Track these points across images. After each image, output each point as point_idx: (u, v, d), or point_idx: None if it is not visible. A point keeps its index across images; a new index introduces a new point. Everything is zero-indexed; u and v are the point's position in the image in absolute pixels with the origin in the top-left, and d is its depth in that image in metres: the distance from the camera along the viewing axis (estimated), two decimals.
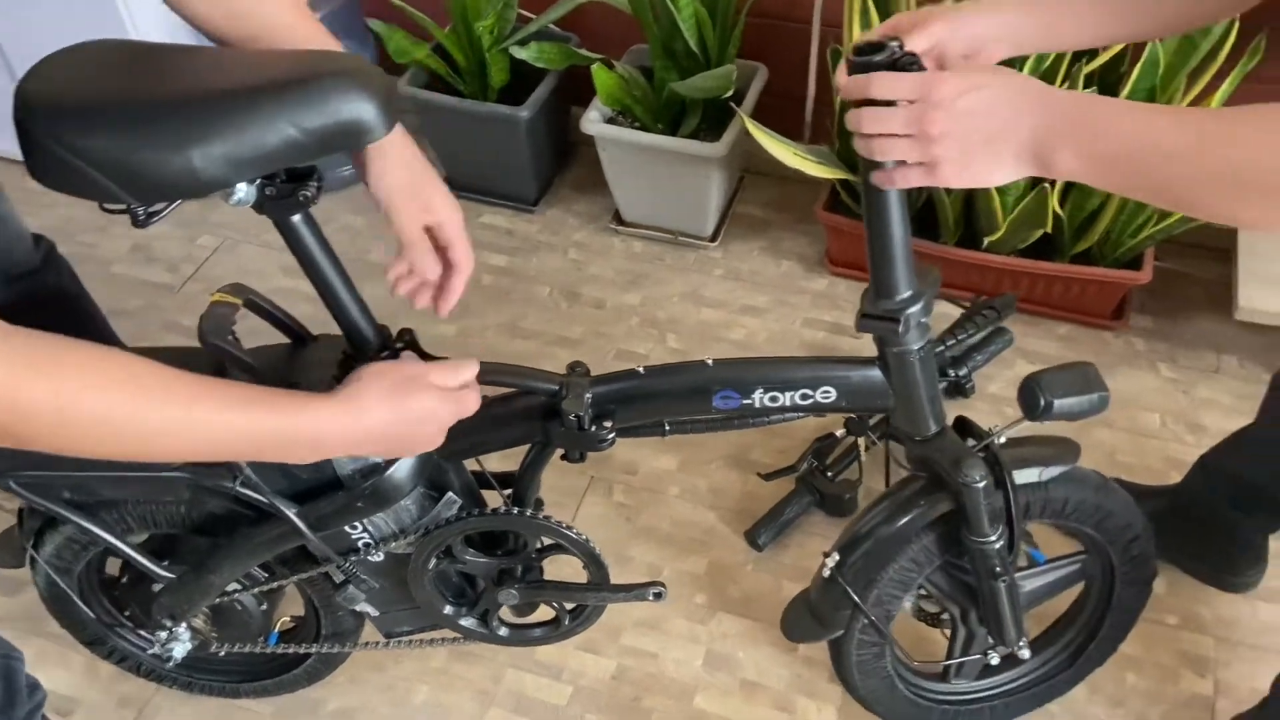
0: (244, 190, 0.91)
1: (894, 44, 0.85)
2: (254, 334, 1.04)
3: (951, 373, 1.63)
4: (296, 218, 0.95)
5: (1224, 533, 1.42)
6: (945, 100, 0.76)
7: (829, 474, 1.57)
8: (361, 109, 0.87)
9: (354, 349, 1.05)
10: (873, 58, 0.84)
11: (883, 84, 0.80)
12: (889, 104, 0.80)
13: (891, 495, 1.16)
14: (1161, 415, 1.69)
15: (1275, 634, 1.43)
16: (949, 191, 1.67)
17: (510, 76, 1.96)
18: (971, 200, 1.69)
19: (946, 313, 1.63)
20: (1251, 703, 1.23)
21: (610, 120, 1.92)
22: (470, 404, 0.95)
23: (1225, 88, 1.52)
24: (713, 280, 1.97)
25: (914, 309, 0.97)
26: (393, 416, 0.87)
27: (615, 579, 1.54)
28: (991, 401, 1.74)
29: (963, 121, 0.76)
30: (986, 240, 1.73)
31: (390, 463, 1.08)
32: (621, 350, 1.86)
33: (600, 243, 2.06)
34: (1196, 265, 1.88)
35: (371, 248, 2.08)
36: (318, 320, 1.08)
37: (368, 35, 2.04)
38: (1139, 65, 1.53)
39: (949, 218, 1.72)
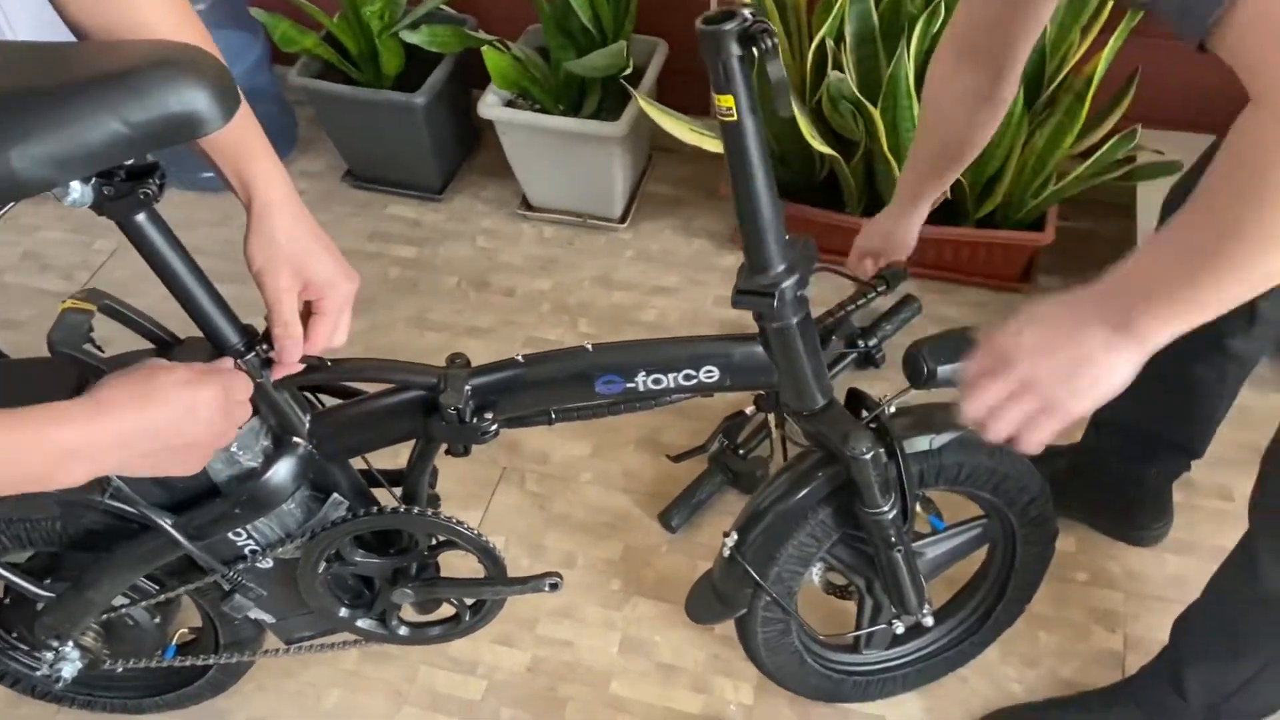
0: (78, 190, 0.86)
1: (745, 11, 0.82)
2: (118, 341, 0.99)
3: (861, 344, 1.62)
4: (140, 217, 0.91)
5: (1127, 487, 1.43)
6: (1012, 350, 0.81)
7: (740, 452, 1.55)
8: (192, 99, 0.82)
9: (217, 351, 1.01)
10: (722, 26, 0.82)
11: (976, 395, 0.85)
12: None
13: (787, 471, 1.15)
14: None
15: (1183, 586, 1.44)
16: (849, 161, 1.66)
17: (406, 62, 1.91)
18: (873, 172, 1.68)
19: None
20: None
21: (510, 103, 1.88)
22: (236, 390, 0.89)
23: (1114, 40, 1.52)
24: (624, 262, 1.95)
25: (789, 282, 0.96)
26: (143, 415, 0.81)
27: (530, 569, 1.53)
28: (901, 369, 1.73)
29: (1040, 352, 0.79)
30: None
31: (268, 465, 1.05)
32: (532, 338, 1.83)
33: (509, 229, 2.03)
34: (1099, 223, 1.89)
35: None
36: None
37: (258, 26, 1.97)
38: None
39: (853, 188, 1.71)
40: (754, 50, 0.83)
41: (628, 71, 1.74)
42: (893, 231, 1.33)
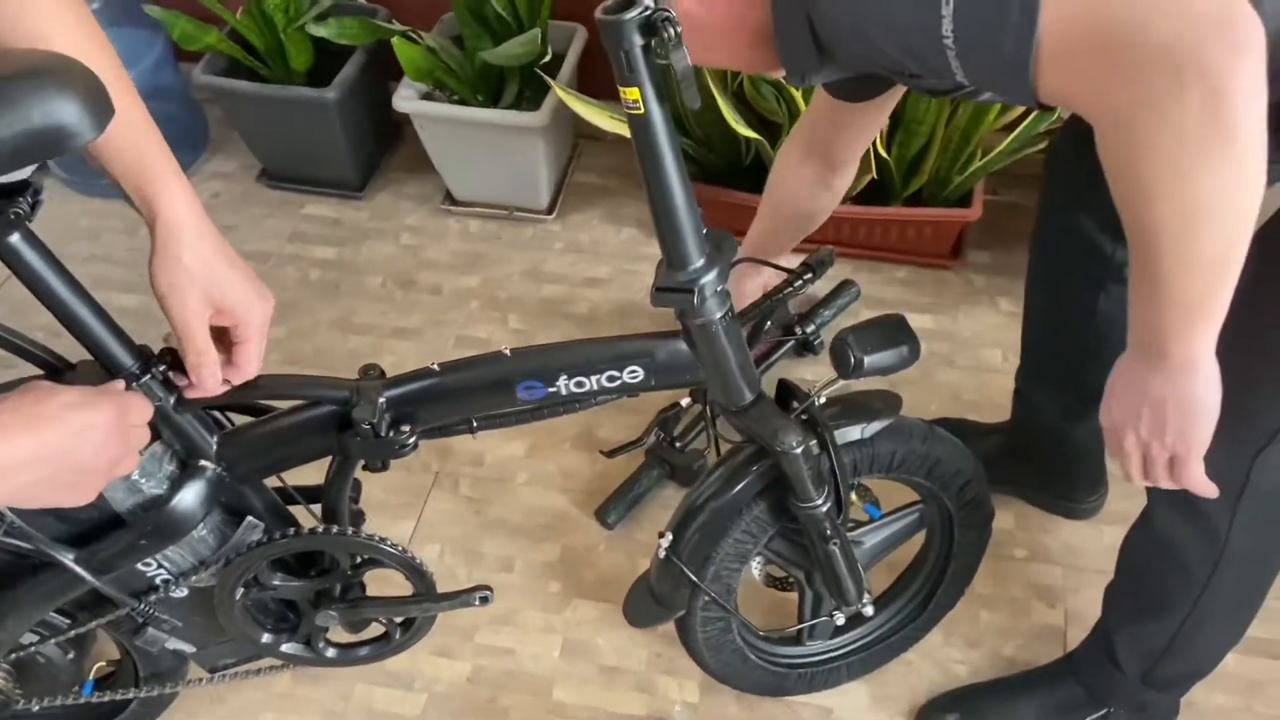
0: None
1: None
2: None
3: (799, 330, 1.61)
4: (14, 238, 0.85)
5: (1061, 459, 1.43)
6: (1119, 432, 0.86)
7: (677, 445, 1.53)
8: (58, 111, 0.76)
9: (110, 375, 0.96)
10: (623, 15, 0.78)
11: (1127, 469, 0.89)
12: None
13: (720, 467, 1.12)
14: (1003, 350, 1.71)
15: None
16: (774, 144, 1.64)
17: (316, 55, 1.84)
18: None
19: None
20: None
21: (427, 95, 1.82)
22: (132, 413, 0.83)
23: None
24: (553, 255, 1.90)
25: (709, 277, 0.93)
26: (30, 441, 0.75)
27: (468, 577, 1.49)
28: None
29: (1141, 425, 0.83)
30: None
31: (174, 492, 1.00)
32: (462, 336, 1.78)
33: (434, 225, 1.97)
34: (1025, 195, 1.89)
35: None
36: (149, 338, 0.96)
37: (159, 23, 1.89)
38: None
39: None
40: (657, 39, 0.79)
41: (546, 59, 1.69)
42: (738, 286, 1.44)
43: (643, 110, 0.83)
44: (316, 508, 1.12)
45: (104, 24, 1.96)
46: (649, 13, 0.78)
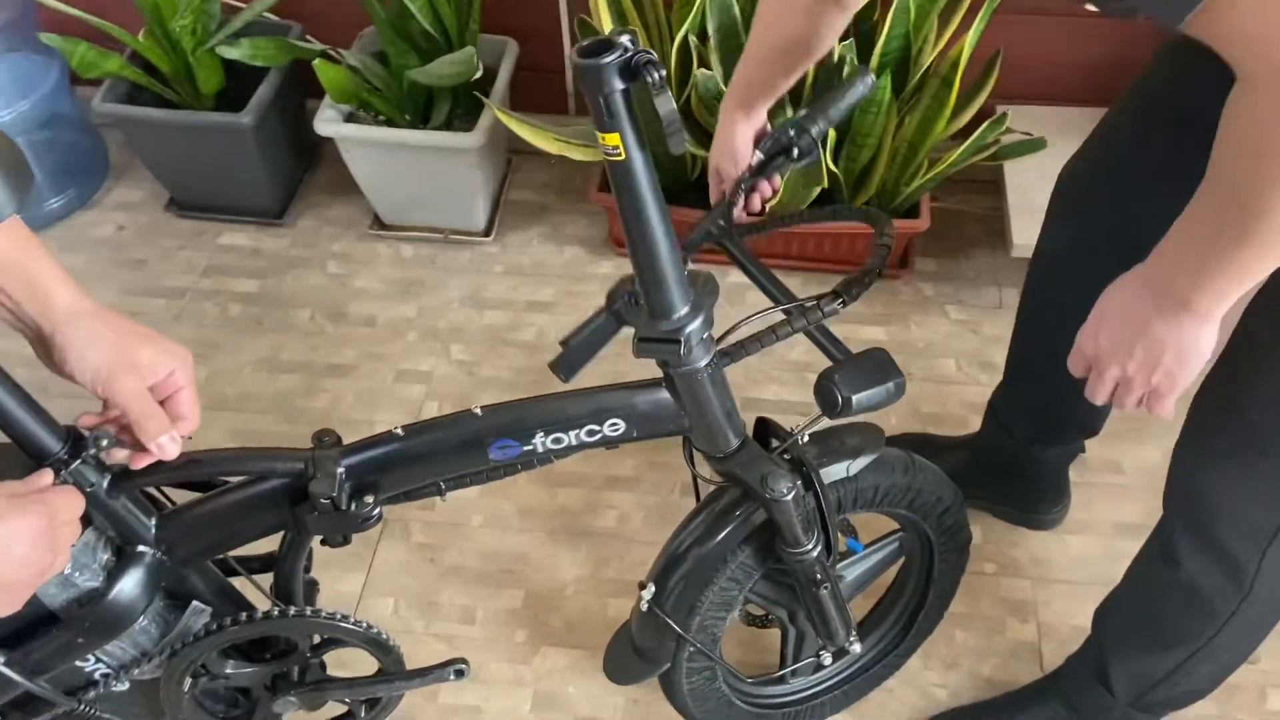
0: None
1: (624, 39, 0.73)
2: None
3: (791, 134, 1.22)
4: None
5: (1025, 472, 1.43)
6: (1101, 359, 0.83)
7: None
8: None
9: (35, 462, 0.86)
10: (601, 59, 0.72)
11: (1092, 391, 0.86)
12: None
13: (703, 513, 1.07)
14: (956, 359, 1.70)
15: (1087, 566, 1.45)
16: None
17: (227, 76, 1.72)
18: None
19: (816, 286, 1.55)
20: (1075, 641, 1.24)
21: (350, 117, 1.72)
22: (62, 511, 0.76)
23: (976, 25, 1.50)
24: (493, 278, 1.82)
25: (694, 325, 0.87)
26: None
27: (425, 630, 1.41)
28: (794, 369, 1.69)
29: (1129, 360, 0.80)
30: (767, 205, 1.66)
31: (111, 583, 0.91)
32: (402, 370, 1.69)
33: (363, 251, 1.87)
34: (969, 201, 1.89)
35: (94, 291, 1.79)
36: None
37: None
38: (891, 12, 1.48)
39: None
40: (639, 82, 0.73)
41: (478, 75, 1.61)
42: (728, 146, 1.13)
43: (624, 156, 0.77)
44: (265, 578, 1.03)
45: None
46: (630, 55, 0.72)
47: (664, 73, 0.72)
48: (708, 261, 1.65)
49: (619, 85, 0.74)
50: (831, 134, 1.55)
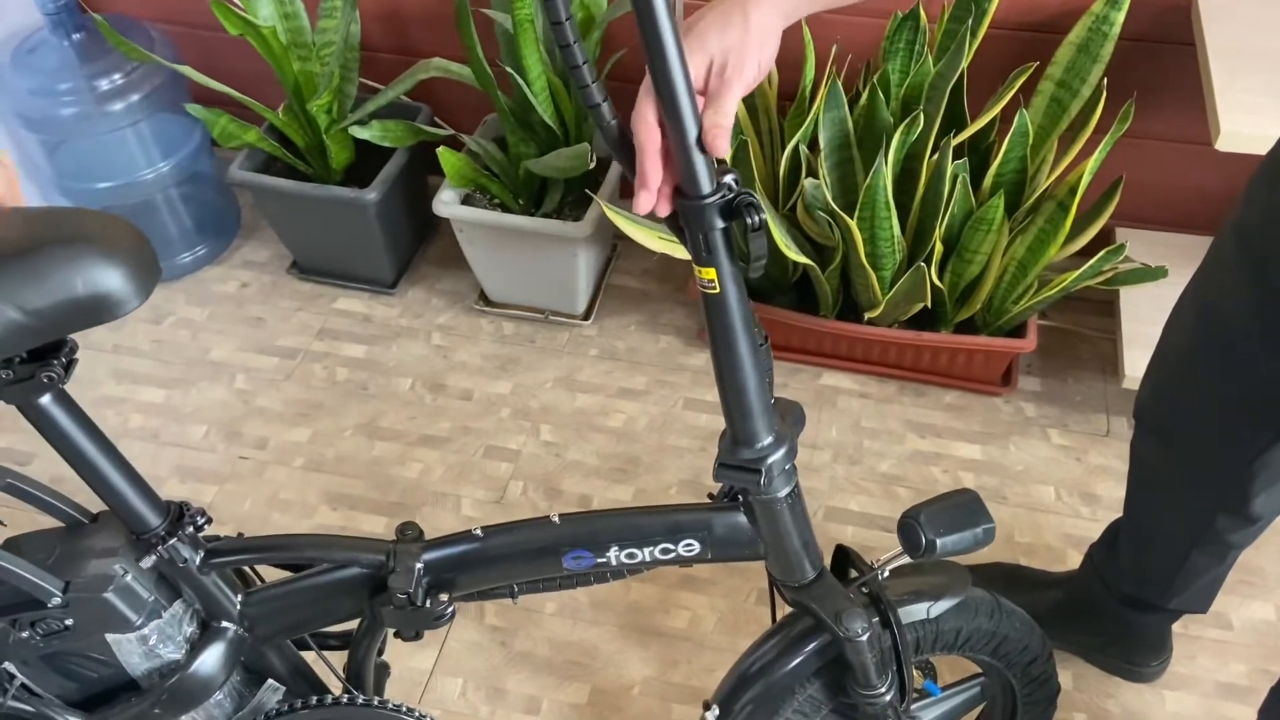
0: None
1: (729, 178, 0.74)
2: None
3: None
4: (44, 400, 0.80)
5: (1122, 624, 1.35)
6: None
7: None
8: (103, 281, 0.72)
9: (134, 533, 0.90)
10: (705, 199, 0.73)
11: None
12: None
13: (775, 636, 1.05)
14: (1056, 487, 1.63)
15: None
16: (825, 268, 1.59)
17: (357, 152, 1.81)
18: (848, 276, 1.61)
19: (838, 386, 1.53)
20: None
21: (468, 199, 1.78)
22: None
23: (1098, 154, 1.47)
24: (587, 361, 1.85)
25: (776, 456, 0.87)
26: None
27: (490, 714, 1.41)
28: (882, 481, 1.65)
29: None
30: (867, 315, 1.65)
31: (193, 656, 0.94)
32: (491, 447, 1.72)
33: (467, 325, 1.92)
34: (1081, 321, 1.83)
35: (213, 344, 1.90)
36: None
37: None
38: (1008, 136, 1.47)
39: (827, 292, 1.63)
40: (739, 222, 0.74)
41: (592, 167, 1.66)
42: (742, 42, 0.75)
43: (719, 290, 0.78)
44: (338, 656, 1.05)
45: (147, 111, 1.93)
46: (732, 196, 0.74)
47: (764, 216, 0.73)
48: None
49: (719, 224, 0.75)
50: (938, 246, 1.53)
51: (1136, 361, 1.57)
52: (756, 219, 0.73)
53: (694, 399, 1.79)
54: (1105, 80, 1.44)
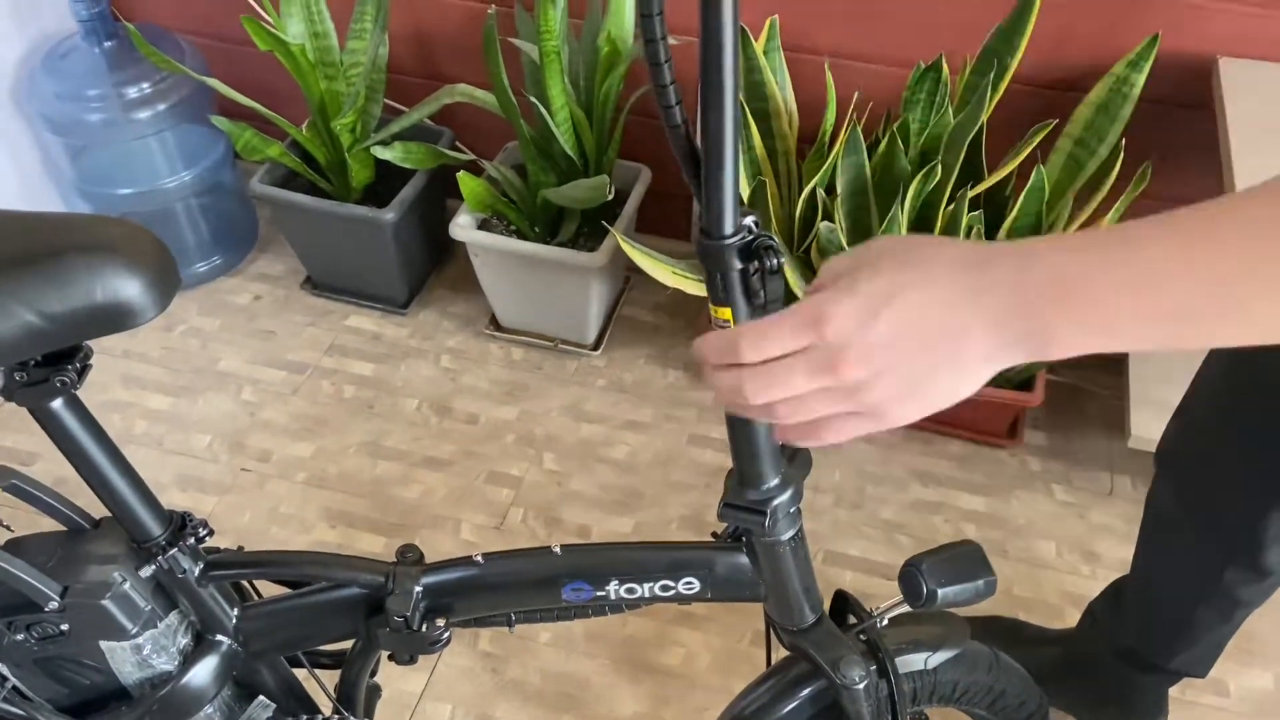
0: None
1: (749, 220, 0.74)
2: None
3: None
4: (56, 403, 0.80)
5: (1120, 683, 1.34)
6: (849, 337, 0.53)
7: None
8: (122, 289, 0.73)
9: (135, 541, 0.90)
10: (725, 240, 0.73)
11: (754, 344, 0.56)
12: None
13: (771, 680, 1.04)
14: (1057, 544, 1.62)
15: None
16: None
17: (377, 172, 1.83)
18: None
19: None
20: None
21: (484, 224, 1.80)
22: None
23: (1112, 215, 1.48)
24: (595, 392, 1.85)
25: (782, 498, 0.86)
26: None
27: None
28: (884, 528, 1.65)
29: (887, 356, 0.53)
30: None
31: (185, 668, 0.93)
32: (494, 472, 1.72)
33: (476, 349, 1.93)
34: (1089, 378, 1.83)
35: (222, 355, 1.90)
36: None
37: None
38: (1024, 191, 1.48)
39: None
40: (756, 264, 0.74)
41: (609, 198, 1.67)
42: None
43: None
44: (330, 675, 1.04)
45: (173, 120, 1.96)
46: (752, 238, 0.74)
47: (782, 259, 0.73)
48: None
49: (737, 265, 0.75)
50: None
51: (1143, 421, 1.56)
52: (775, 262, 0.73)
53: (699, 435, 1.79)
54: (1124, 141, 1.45)
